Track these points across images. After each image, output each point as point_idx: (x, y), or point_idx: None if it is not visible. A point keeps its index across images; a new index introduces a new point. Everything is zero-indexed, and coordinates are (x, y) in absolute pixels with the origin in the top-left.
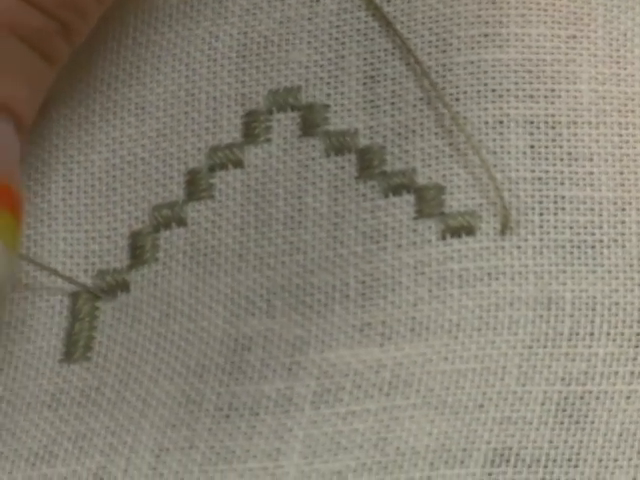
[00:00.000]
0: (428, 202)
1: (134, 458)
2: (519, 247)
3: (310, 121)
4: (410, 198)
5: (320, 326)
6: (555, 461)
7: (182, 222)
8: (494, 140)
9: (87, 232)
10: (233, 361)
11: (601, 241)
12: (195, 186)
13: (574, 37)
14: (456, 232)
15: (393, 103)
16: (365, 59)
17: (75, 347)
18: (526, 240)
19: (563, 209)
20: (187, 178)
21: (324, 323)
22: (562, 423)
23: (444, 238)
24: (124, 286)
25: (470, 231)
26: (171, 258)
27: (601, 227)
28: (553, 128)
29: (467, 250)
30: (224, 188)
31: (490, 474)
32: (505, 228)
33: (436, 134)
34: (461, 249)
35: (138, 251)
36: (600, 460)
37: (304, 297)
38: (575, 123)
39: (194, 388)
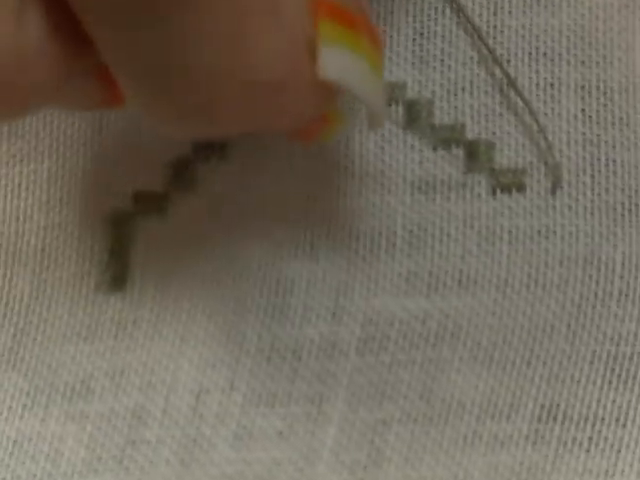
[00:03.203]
0: (478, 157)
1: (173, 398)
2: (570, 207)
3: None
4: (459, 152)
5: (365, 272)
6: (603, 420)
7: (224, 157)
8: (545, 102)
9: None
10: (275, 302)
11: None
12: None
13: (627, 6)
14: (507, 188)
15: (442, 60)
16: (415, 16)
17: (110, 276)
18: (577, 200)
19: (615, 172)
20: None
21: (369, 269)
22: (610, 383)
23: (494, 194)
24: (162, 210)
25: (521, 188)
26: (211, 191)
27: None
28: (605, 94)
29: (518, 207)
30: None
31: (537, 430)
32: (556, 187)
33: (486, 92)
34: (512, 206)
35: (178, 178)
36: None
37: (349, 242)
38: (627, 90)
39: (234, 327)
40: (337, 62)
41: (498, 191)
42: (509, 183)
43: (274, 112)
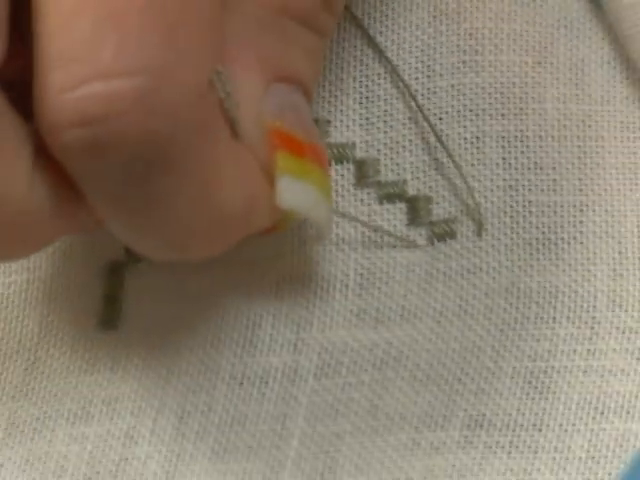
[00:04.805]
0: (419, 212)
1: (160, 419)
2: (494, 246)
3: None
4: (402, 206)
5: (322, 309)
6: (522, 426)
7: None
8: (472, 154)
9: None
10: (245, 335)
11: (563, 239)
12: None
13: (540, 63)
14: (442, 237)
15: (385, 121)
16: (361, 82)
17: (106, 317)
18: (500, 239)
19: (531, 212)
20: None
21: (325, 307)
22: (528, 394)
23: (432, 242)
24: (149, 259)
25: (453, 235)
26: None
27: (563, 227)
28: (522, 142)
29: (450, 251)
30: None
31: (466, 437)
32: (480, 231)
33: (423, 149)
34: (446, 251)
35: None
36: (561, 425)
37: (309, 283)
38: (541, 137)
39: (212, 358)
40: (292, 192)
41: (435, 240)
42: (443, 233)
43: (238, 235)
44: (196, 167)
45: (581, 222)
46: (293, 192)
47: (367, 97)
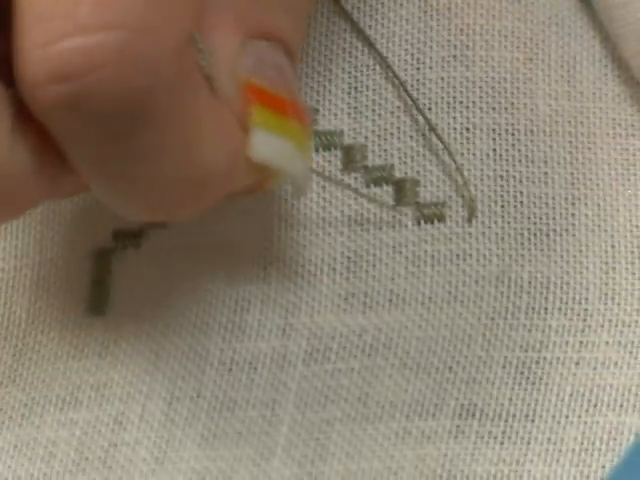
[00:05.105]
0: (405, 192)
1: (149, 405)
2: (484, 233)
3: None
4: (389, 189)
5: (310, 293)
6: (514, 416)
7: None
8: (461, 144)
9: None
10: (234, 320)
11: (554, 230)
12: None
13: (531, 60)
14: (429, 219)
15: (374, 110)
16: (349, 72)
17: (93, 303)
18: (490, 228)
19: (522, 203)
20: None
21: (313, 291)
22: (520, 384)
23: (419, 224)
24: (137, 246)
25: (441, 218)
26: (179, 229)
27: (554, 219)
28: (513, 135)
29: (439, 234)
30: None
31: (458, 426)
32: (471, 217)
33: (411, 137)
34: (434, 234)
35: None
36: (553, 416)
37: (296, 268)
38: (532, 132)
39: (200, 343)
40: (265, 145)
41: (422, 222)
42: (431, 214)
43: (221, 191)
44: (176, 123)
45: (573, 215)
46: (267, 145)
47: (355, 87)
